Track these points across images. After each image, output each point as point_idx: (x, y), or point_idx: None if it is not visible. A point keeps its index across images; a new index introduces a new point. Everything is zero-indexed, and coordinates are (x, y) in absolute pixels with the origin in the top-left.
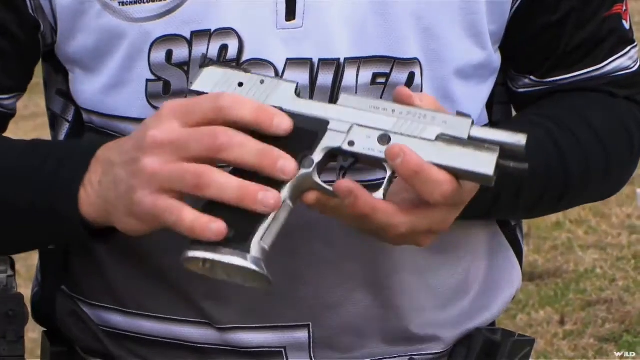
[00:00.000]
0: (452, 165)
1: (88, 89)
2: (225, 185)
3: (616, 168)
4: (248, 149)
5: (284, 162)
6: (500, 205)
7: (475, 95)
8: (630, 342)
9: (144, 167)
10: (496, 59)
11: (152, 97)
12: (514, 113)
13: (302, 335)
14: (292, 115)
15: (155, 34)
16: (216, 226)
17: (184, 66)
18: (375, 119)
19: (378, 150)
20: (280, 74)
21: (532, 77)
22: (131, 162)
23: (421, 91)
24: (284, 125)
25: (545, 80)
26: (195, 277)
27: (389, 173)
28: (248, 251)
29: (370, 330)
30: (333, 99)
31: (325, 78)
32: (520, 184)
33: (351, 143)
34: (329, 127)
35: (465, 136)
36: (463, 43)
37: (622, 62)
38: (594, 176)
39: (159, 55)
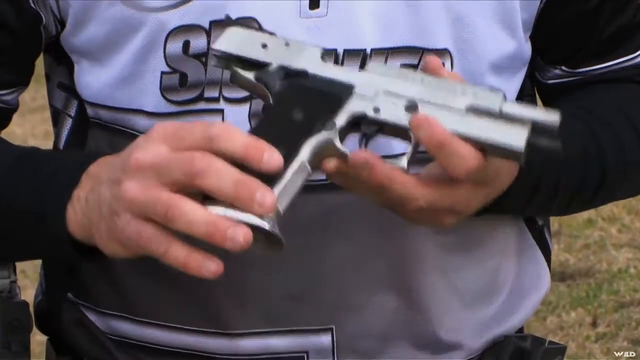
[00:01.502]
0: (481, 137)
1: (96, 81)
2: (194, 219)
3: None
4: (225, 178)
5: (261, 195)
6: (538, 199)
7: (507, 89)
8: None
9: (124, 191)
10: (527, 49)
11: (166, 90)
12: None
13: (325, 339)
14: (317, 78)
15: (171, 24)
16: (213, 265)
17: (202, 57)
18: (403, 87)
19: (404, 118)
20: None
21: (563, 67)
22: (114, 182)
23: None
24: (273, 162)
25: (576, 70)
26: (210, 281)
27: (413, 142)
28: None
29: (396, 334)
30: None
31: (351, 68)
32: (558, 176)
33: (376, 110)
34: (354, 91)
35: (497, 109)
36: (495, 32)
37: None
38: (631, 169)
39: (175, 46)
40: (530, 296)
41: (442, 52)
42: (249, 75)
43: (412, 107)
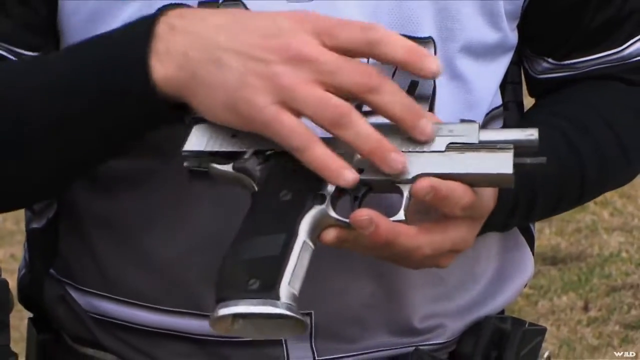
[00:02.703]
0: (469, 173)
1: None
2: (364, 134)
3: (634, 162)
4: (397, 99)
5: (425, 123)
6: (517, 215)
7: (488, 75)
8: None
9: (278, 76)
10: (512, 37)
11: None
12: (524, 93)
13: None
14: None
15: (158, 3)
16: (351, 175)
17: None
18: None
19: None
20: None
21: (550, 59)
22: (255, 59)
23: None
24: (433, 67)
25: (564, 62)
26: (190, 263)
27: (406, 194)
28: (278, 298)
29: (374, 321)
30: None
31: None
32: (535, 192)
33: (360, 170)
34: None
35: (475, 141)
36: (476, 22)
37: None
38: (612, 172)
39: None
40: (513, 282)
41: (426, 41)
42: (227, 168)
43: None
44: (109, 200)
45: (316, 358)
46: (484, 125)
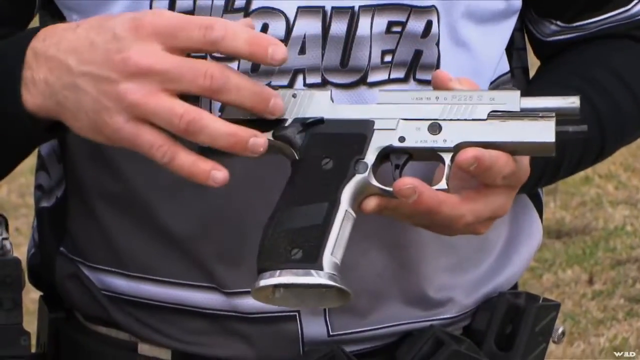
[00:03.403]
0: (511, 141)
1: None
2: (217, 135)
3: None
4: (243, 93)
5: (274, 103)
6: (544, 178)
7: (492, 40)
8: None
9: (124, 93)
10: (516, 2)
11: None
12: (529, 60)
13: None
14: (335, 122)
15: (144, 3)
16: (220, 175)
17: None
18: (420, 110)
19: (431, 141)
20: (291, 23)
21: (559, 22)
22: (102, 80)
23: (438, 41)
24: (278, 55)
25: (572, 25)
26: (205, 238)
27: (447, 162)
28: (321, 268)
29: (387, 292)
30: (346, 55)
31: (339, 27)
32: (563, 156)
33: (402, 139)
34: (375, 127)
35: (517, 109)
36: None
37: None
38: (628, 130)
39: (162, 5)
40: (523, 250)
41: (428, 9)
42: (267, 135)
43: (435, 127)
44: (119, 177)
45: (331, 333)
46: None
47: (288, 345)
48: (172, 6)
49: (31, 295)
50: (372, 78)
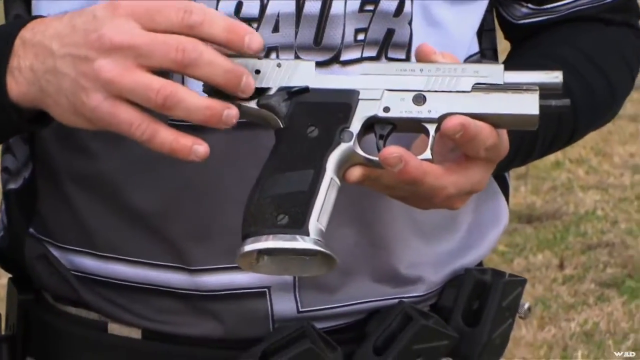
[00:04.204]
0: (495, 112)
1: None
2: (194, 108)
3: (619, 99)
4: (215, 69)
5: (246, 81)
6: (519, 157)
7: (464, 20)
8: (632, 288)
9: (98, 70)
10: None
11: None
12: (499, 41)
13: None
14: (320, 91)
15: None
16: (202, 149)
17: None
18: (405, 81)
19: (416, 112)
20: (265, 2)
21: (529, 4)
22: (80, 59)
23: (411, 20)
24: (254, 44)
25: (543, 7)
26: (174, 216)
27: (432, 133)
28: (307, 233)
29: (357, 269)
30: (320, 33)
31: (312, 6)
32: (537, 134)
33: (386, 109)
34: (360, 97)
35: (501, 82)
36: None
37: None
38: (601, 112)
39: None
40: (490, 231)
41: None
42: (252, 104)
43: (420, 98)
44: (89, 157)
45: (300, 309)
46: None
47: (258, 322)
48: None
49: (2, 281)
50: (345, 56)
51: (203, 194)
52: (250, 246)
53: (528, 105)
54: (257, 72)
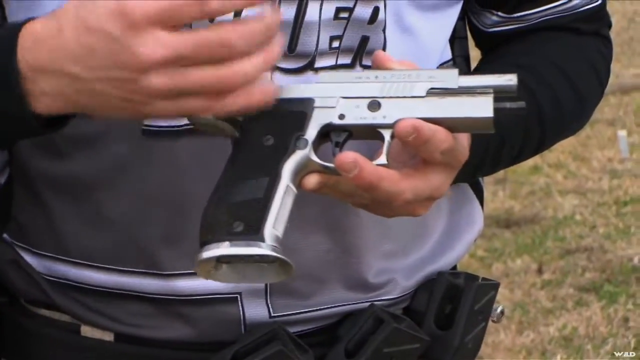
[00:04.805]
0: (450, 116)
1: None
2: (254, 65)
3: (588, 109)
4: (260, 29)
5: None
6: (485, 165)
7: (436, 28)
8: (611, 292)
9: (153, 86)
10: None
11: None
12: (471, 47)
13: None
14: (275, 101)
15: None
16: (271, 87)
17: None
18: (360, 88)
19: (371, 118)
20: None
21: (500, 13)
22: (121, 81)
23: (384, 27)
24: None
25: (513, 15)
26: (146, 222)
27: (387, 138)
28: (263, 240)
29: (329, 276)
30: (294, 40)
31: (288, 12)
32: (503, 141)
33: (341, 116)
34: (315, 104)
35: (455, 86)
36: None
37: None
38: (569, 121)
39: None
40: (464, 236)
41: None
42: (208, 116)
43: (374, 105)
44: (62, 161)
45: (272, 314)
46: None
47: (230, 327)
48: None
49: None
50: (319, 63)
51: (173, 199)
52: (206, 253)
53: (482, 108)
54: None
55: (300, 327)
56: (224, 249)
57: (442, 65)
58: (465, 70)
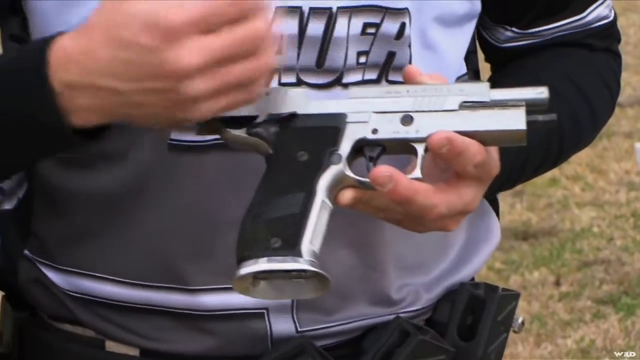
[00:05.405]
0: (483, 129)
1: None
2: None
3: (600, 124)
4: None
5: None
6: (509, 181)
7: (456, 43)
8: (628, 305)
9: (196, 92)
10: (477, 5)
11: None
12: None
13: None
14: (307, 117)
15: None
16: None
17: None
18: (392, 103)
19: (404, 132)
20: None
21: (514, 29)
22: (165, 91)
23: (410, 43)
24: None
25: (528, 31)
26: (173, 238)
27: (420, 152)
28: (300, 255)
29: (354, 291)
30: (322, 56)
31: (316, 28)
32: (526, 157)
33: (374, 131)
34: (347, 119)
35: (487, 99)
36: None
37: (601, 10)
38: (584, 136)
39: None
40: (482, 248)
41: (402, 12)
42: (241, 132)
43: (407, 119)
44: (87, 175)
45: (299, 329)
46: None
47: (256, 342)
48: None
49: None
50: (346, 79)
51: (200, 214)
52: (245, 269)
53: (515, 120)
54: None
55: (325, 341)
56: (262, 264)
57: (458, 79)
58: None
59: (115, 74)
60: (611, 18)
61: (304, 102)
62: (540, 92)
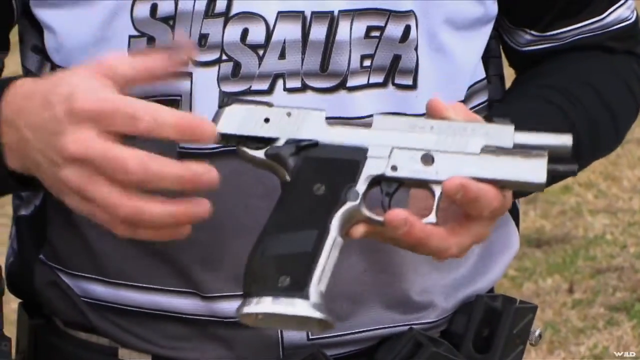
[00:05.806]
0: (503, 178)
1: (65, 46)
2: (158, 217)
3: (622, 129)
4: (168, 180)
5: (208, 176)
6: (524, 194)
7: (469, 47)
8: None
9: (66, 179)
10: (492, 8)
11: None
12: (505, 66)
13: None
14: (328, 146)
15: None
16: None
17: (170, 20)
18: (415, 139)
19: (423, 172)
20: (271, 28)
21: (533, 32)
22: (53, 164)
23: (417, 46)
24: (206, 134)
25: (547, 34)
26: (185, 244)
27: (437, 194)
28: (308, 297)
29: (367, 296)
30: (326, 60)
31: (318, 32)
32: None
33: (394, 168)
34: (368, 154)
35: (510, 144)
36: None
37: (622, 12)
38: (604, 144)
39: (143, 9)
40: (500, 257)
41: (407, 14)
42: (259, 153)
43: (428, 158)
44: None
45: (310, 337)
46: (468, 98)
47: (268, 349)
48: (153, 10)
49: (12, 306)
50: (351, 82)
51: (213, 223)
52: (248, 308)
53: (536, 171)
54: (267, 120)
55: (338, 350)
56: (267, 305)
57: (474, 86)
58: (500, 89)
59: (33, 127)
60: (632, 20)
61: (325, 127)
62: (564, 141)
